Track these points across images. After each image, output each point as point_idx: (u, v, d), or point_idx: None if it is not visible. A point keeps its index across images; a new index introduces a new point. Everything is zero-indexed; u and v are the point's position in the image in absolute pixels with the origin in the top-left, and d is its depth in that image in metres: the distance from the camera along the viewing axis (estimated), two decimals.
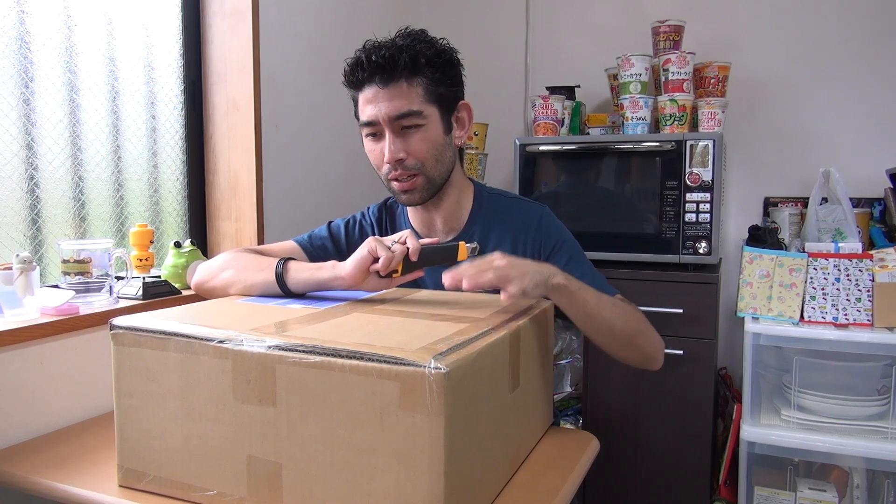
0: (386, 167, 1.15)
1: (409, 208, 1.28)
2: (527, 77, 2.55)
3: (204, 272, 1.19)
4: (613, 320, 1.09)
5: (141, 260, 1.45)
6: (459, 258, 1.07)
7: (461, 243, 1.07)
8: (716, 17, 2.28)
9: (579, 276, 1.14)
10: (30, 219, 1.37)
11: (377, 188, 1.39)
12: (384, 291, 1.13)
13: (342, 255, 1.24)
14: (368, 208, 1.35)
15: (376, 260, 1.02)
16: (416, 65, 1.10)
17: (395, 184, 1.17)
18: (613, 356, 1.16)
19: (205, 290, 1.19)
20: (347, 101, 1.20)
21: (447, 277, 0.94)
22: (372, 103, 1.12)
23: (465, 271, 0.94)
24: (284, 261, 1.09)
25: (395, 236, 1.08)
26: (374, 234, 1.28)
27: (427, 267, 1.08)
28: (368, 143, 1.18)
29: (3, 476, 1.00)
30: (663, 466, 1.93)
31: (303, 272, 1.08)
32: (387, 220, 1.33)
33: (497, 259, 0.96)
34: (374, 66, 1.10)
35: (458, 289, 0.95)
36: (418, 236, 1.23)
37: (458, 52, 1.19)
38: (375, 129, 1.14)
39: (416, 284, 1.18)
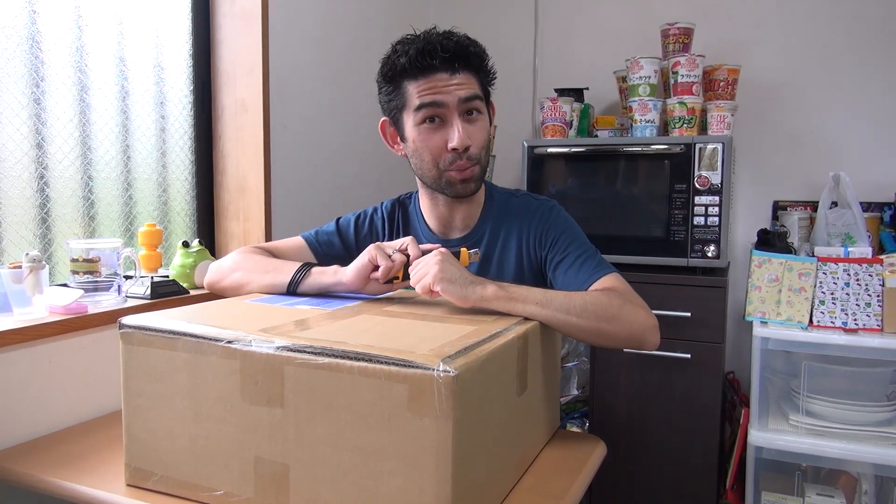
0: (450, 156, 1.12)
1: (424, 206, 1.27)
2: (535, 79, 2.54)
3: (215, 273, 1.21)
4: (568, 319, 1.00)
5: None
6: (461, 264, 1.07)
7: (463, 249, 1.07)
8: (726, 20, 2.27)
9: (575, 257, 1.15)
10: (39, 218, 1.37)
11: (385, 188, 1.39)
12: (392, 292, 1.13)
13: (350, 251, 1.25)
14: (382, 203, 1.33)
15: (377, 268, 1.03)
16: (480, 59, 1.15)
17: (454, 173, 1.14)
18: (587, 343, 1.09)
19: (217, 290, 1.21)
20: (355, 101, 1.20)
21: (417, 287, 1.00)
22: (439, 86, 1.10)
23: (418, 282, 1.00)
24: (306, 269, 1.11)
25: (397, 243, 1.08)
26: (384, 230, 1.30)
27: None
28: (425, 132, 1.13)
29: (11, 474, 1.00)
30: (670, 470, 1.92)
31: (308, 276, 1.10)
32: (399, 216, 1.31)
33: (434, 267, 0.98)
34: (450, 54, 1.10)
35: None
36: (423, 241, 1.23)
37: None
38: (438, 112, 1.11)
39: None
